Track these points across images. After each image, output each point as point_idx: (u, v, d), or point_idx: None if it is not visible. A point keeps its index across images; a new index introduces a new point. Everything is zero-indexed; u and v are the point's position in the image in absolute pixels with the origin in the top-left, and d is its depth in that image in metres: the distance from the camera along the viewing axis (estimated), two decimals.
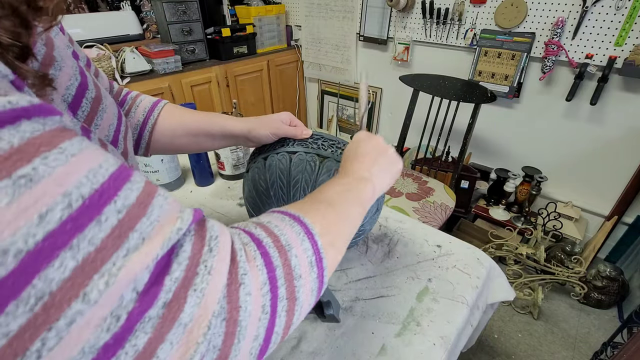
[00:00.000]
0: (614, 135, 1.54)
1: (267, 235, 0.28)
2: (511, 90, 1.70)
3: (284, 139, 0.60)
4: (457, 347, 0.63)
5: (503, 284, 0.76)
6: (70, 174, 0.19)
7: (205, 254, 0.23)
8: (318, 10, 2.29)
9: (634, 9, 1.31)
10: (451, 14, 1.76)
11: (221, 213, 0.88)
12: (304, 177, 0.57)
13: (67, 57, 0.33)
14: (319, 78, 2.58)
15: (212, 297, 0.22)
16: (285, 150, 0.59)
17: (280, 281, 0.26)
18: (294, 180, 0.57)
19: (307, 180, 0.57)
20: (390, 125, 2.39)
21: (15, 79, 0.20)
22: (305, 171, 0.57)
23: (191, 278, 0.22)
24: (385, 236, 0.81)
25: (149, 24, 2.06)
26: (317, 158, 0.57)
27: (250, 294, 0.24)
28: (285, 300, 0.27)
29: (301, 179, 0.57)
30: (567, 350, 1.39)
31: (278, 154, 0.59)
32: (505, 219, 1.77)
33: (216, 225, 0.26)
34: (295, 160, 0.57)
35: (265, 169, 0.59)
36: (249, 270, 0.25)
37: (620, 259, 1.68)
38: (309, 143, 0.59)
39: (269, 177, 0.59)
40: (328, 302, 0.58)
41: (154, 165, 0.90)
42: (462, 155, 1.43)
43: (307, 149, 0.58)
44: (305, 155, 0.58)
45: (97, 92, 0.36)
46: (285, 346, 0.56)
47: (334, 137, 0.61)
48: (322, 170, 0.57)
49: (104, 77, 0.50)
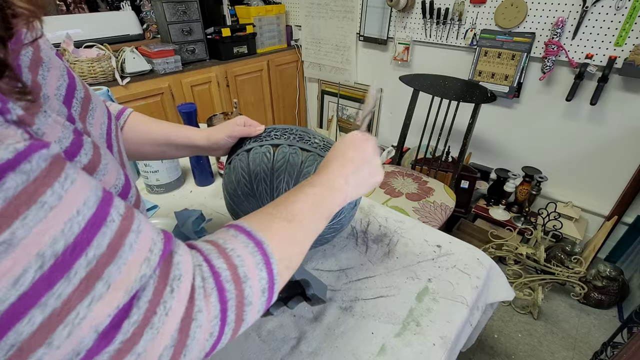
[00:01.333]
0: (614, 135, 1.54)
1: (226, 268, 0.29)
2: (511, 90, 1.70)
3: (243, 140, 0.63)
4: (457, 347, 0.63)
5: (503, 284, 0.76)
6: (46, 231, 0.20)
7: (166, 295, 0.25)
8: (318, 10, 2.29)
9: (634, 9, 1.31)
10: (451, 14, 1.76)
11: (221, 213, 0.88)
12: (262, 168, 0.58)
13: (54, 57, 0.33)
14: (319, 78, 2.58)
15: (166, 333, 0.25)
16: (243, 150, 0.61)
17: (230, 310, 0.29)
18: (254, 174, 0.59)
19: (265, 171, 0.58)
20: (390, 125, 2.39)
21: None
22: (262, 163, 0.58)
23: (149, 318, 0.24)
24: (385, 236, 0.81)
25: (149, 24, 2.06)
26: (270, 148, 0.59)
27: (200, 327, 0.27)
28: (233, 323, 0.29)
29: (260, 171, 0.59)
30: (567, 350, 1.39)
31: (238, 155, 0.61)
32: (505, 219, 1.77)
33: (182, 262, 0.27)
34: (252, 156, 0.59)
35: (231, 172, 0.62)
36: (204, 308, 0.27)
37: (620, 259, 1.68)
38: (262, 137, 0.61)
39: (234, 178, 0.61)
40: (306, 282, 0.55)
41: (154, 165, 0.90)
42: (462, 155, 1.43)
43: (260, 143, 0.60)
44: (260, 148, 0.59)
45: (86, 92, 0.36)
46: (285, 346, 0.57)
47: (287, 126, 0.62)
48: (278, 157, 0.58)
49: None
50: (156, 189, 0.95)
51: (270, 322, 0.61)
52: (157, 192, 0.96)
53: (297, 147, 0.59)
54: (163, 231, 0.28)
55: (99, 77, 1.63)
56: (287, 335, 0.58)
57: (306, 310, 0.63)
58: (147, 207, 0.89)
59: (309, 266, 0.72)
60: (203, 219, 0.67)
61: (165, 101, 1.88)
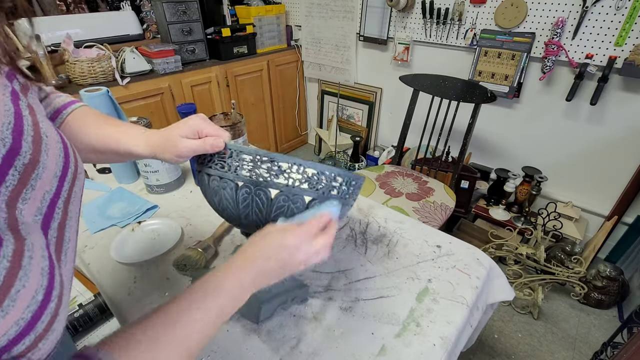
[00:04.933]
0: (614, 135, 1.54)
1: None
2: (511, 90, 1.70)
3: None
4: (457, 348, 0.63)
5: (503, 284, 0.76)
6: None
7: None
8: (318, 10, 2.29)
9: (634, 9, 1.31)
10: (451, 14, 1.76)
11: None
12: (228, 205, 0.49)
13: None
14: (319, 78, 2.58)
15: None
16: (204, 171, 0.50)
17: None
18: (221, 207, 0.50)
19: (231, 209, 0.49)
20: (390, 125, 2.39)
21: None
22: (226, 199, 0.49)
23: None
24: (384, 237, 0.81)
25: (149, 24, 2.06)
26: (232, 184, 0.47)
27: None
28: None
29: (227, 207, 0.49)
30: (567, 350, 1.39)
31: (200, 173, 0.51)
32: (505, 219, 1.77)
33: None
34: (212, 185, 0.49)
35: (205, 186, 0.52)
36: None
37: (620, 259, 1.68)
38: (225, 163, 0.47)
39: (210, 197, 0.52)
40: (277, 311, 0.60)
41: (154, 165, 0.90)
42: (462, 155, 1.43)
43: (222, 172, 0.48)
44: (220, 181, 0.48)
45: (35, 152, 0.28)
46: (284, 347, 0.57)
47: (252, 152, 0.46)
48: (240, 197, 0.48)
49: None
50: (156, 189, 0.95)
51: (270, 322, 0.61)
52: (157, 192, 0.96)
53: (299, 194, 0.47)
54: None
55: (99, 77, 1.63)
56: (287, 336, 0.58)
57: (306, 311, 0.63)
58: (147, 207, 0.89)
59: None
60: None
61: (165, 101, 1.88)
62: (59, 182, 0.31)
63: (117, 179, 1.01)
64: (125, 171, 0.99)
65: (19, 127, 0.28)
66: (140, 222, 0.83)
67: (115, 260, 0.73)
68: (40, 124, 0.31)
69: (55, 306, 0.28)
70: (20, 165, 0.27)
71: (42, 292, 0.26)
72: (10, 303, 0.23)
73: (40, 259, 0.26)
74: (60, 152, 0.32)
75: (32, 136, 0.29)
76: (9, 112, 0.28)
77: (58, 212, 0.31)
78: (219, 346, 0.56)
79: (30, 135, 0.28)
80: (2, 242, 0.23)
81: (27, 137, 0.28)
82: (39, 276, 0.26)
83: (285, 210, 0.47)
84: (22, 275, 0.24)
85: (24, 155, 0.27)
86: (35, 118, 0.30)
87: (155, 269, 0.72)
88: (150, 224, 0.83)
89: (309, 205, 0.48)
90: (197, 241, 0.74)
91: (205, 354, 0.55)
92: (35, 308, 0.25)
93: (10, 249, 0.24)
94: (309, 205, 0.48)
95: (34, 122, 0.30)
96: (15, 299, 0.23)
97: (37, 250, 0.26)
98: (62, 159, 0.32)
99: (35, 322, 0.26)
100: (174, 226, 0.82)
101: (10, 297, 0.23)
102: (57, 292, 0.28)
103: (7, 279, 0.23)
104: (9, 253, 0.23)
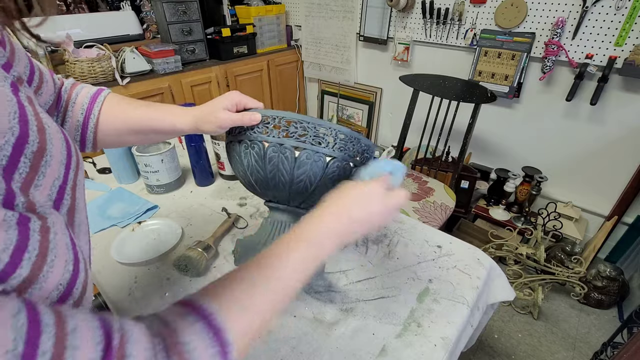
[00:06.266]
0: (614, 135, 1.54)
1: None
2: (511, 90, 1.70)
3: None
4: (458, 348, 0.63)
5: (503, 284, 0.76)
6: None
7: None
8: (318, 10, 2.29)
9: (634, 9, 1.31)
10: (451, 14, 1.76)
11: (221, 213, 0.88)
12: (257, 166, 0.55)
13: (1, 102, 0.27)
14: (319, 78, 2.58)
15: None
16: (236, 139, 0.56)
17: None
18: (268, 171, 0.55)
19: (260, 169, 0.55)
20: (390, 125, 2.39)
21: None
22: (255, 160, 0.55)
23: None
24: (385, 237, 0.81)
25: (149, 24, 2.06)
26: (260, 145, 0.54)
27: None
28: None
29: (255, 169, 0.55)
30: (567, 350, 1.39)
31: (241, 143, 0.56)
32: (505, 219, 1.77)
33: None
34: (242, 150, 0.55)
35: (237, 154, 0.57)
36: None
37: (620, 259, 1.68)
38: (257, 127, 0.54)
39: (244, 165, 0.57)
40: None
41: (154, 165, 0.90)
42: (462, 155, 1.43)
43: (253, 136, 0.54)
44: (249, 144, 0.55)
45: (41, 141, 0.29)
46: (285, 347, 0.56)
47: (290, 116, 0.53)
48: (267, 157, 0.54)
49: (46, 75, 0.44)
50: (156, 189, 0.95)
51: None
52: (157, 192, 0.96)
53: (323, 153, 0.54)
54: (105, 327, 0.25)
55: (99, 77, 1.63)
56: (287, 336, 0.58)
57: (306, 311, 0.63)
58: (147, 207, 0.89)
59: None
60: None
61: (165, 101, 1.88)
62: (65, 169, 0.32)
63: (117, 179, 1.01)
64: (125, 171, 0.99)
65: (24, 116, 0.28)
66: (141, 222, 0.83)
67: (115, 260, 0.73)
68: (41, 115, 0.31)
69: (84, 277, 0.30)
70: (30, 153, 0.27)
71: (71, 263, 0.28)
72: (49, 270, 0.25)
73: (62, 235, 0.28)
74: (62, 142, 0.33)
75: (37, 125, 0.29)
76: (12, 102, 0.28)
77: (67, 198, 0.32)
78: None
79: (34, 125, 0.29)
80: (30, 219, 0.25)
81: (32, 126, 0.29)
82: (66, 250, 0.28)
83: (307, 169, 0.53)
84: (52, 247, 0.26)
85: (32, 144, 0.28)
86: (34, 109, 0.31)
87: (156, 269, 0.72)
88: (151, 224, 0.83)
89: (328, 165, 0.54)
90: (197, 241, 0.74)
91: None
92: (69, 277, 0.27)
93: (38, 224, 0.25)
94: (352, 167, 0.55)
95: (35, 112, 0.30)
96: (52, 266, 0.25)
97: (58, 228, 0.28)
98: (65, 148, 0.33)
99: (71, 289, 0.28)
100: (174, 226, 0.82)
101: (48, 264, 0.25)
102: (83, 265, 0.30)
103: (42, 250, 0.25)
104: (36, 228, 0.25)
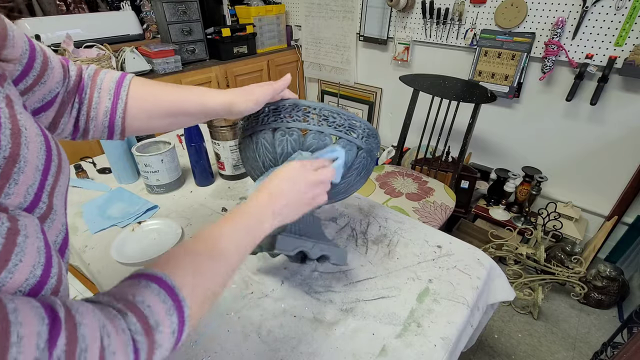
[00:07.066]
0: (614, 135, 1.54)
1: (136, 322, 0.30)
2: (511, 90, 1.70)
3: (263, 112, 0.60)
4: (458, 348, 0.63)
5: (503, 284, 0.76)
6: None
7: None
8: (318, 10, 2.29)
9: (634, 9, 1.31)
10: (451, 14, 1.76)
11: (221, 213, 0.88)
12: (267, 149, 0.59)
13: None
14: (319, 78, 2.58)
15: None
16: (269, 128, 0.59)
17: (141, 357, 0.30)
18: (259, 155, 0.60)
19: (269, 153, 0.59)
20: (390, 125, 2.39)
21: None
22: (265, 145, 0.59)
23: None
24: (385, 237, 0.81)
25: (149, 24, 2.06)
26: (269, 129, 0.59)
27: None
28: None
29: (265, 152, 0.59)
30: (567, 350, 1.39)
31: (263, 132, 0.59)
32: (505, 219, 1.77)
33: (86, 334, 0.26)
34: (253, 139, 0.60)
35: (251, 144, 0.61)
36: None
37: (620, 259, 1.68)
38: (309, 117, 0.58)
39: (258, 153, 0.60)
40: (324, 257, 0.63)
41: (154, 165, 0.90)
42: (462, 155, 1.43)
43: (309, 126, 0.58)
44: (260, 132, 0.59)
45: (14, 145, 0.28)
46: (285, 347, 0.56)
47: (320, 106, 0.58)
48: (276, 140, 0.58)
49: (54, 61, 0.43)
50: (156, 189, 0.95)
51: (270, 322, 0.61)
52: (157, 192, 0.96)
53: (355, 143, 0.59)
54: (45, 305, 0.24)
55: None
56: (287, 336, 0.58)
57: (306, 311, 0.63)
58: (147, 207, 0.89)
59: (309, 267, 0.72)
60: None
61: None
62: (42, 175, 0.31)
63: (117, 179, 1.01)
64: (125, 171, 0.99)
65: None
66: (141, 222, 0.83)
67: (115, 260, 0.73)
68: (19, 116, 0.30)
69: (56, 283, 0.29)
70: (1, 159, 0.26)
71: (40, 268, 0.27)
72: (8, 275, 0.24)
73: (35, 239, 0.27)
74: (41, 145, 0.31)
75: (10, 129, 0.28)
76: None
77: (42, 206, 0.31)
78: (220, 346, 0.56)
79: (8, 129, 0.27)
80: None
81: (5, 130, 0.27)
82: (36, 253, 0.26)
83: (314, 150, 0.57)
84: (19, 251, 0.25)
85: (3, 149, 0.26)
86: (12, 110, 0.29)
87: None
88: (151, 224, 0.83)
89: (358, 154, 0.60)
90: None
91: (206, 354, 0.55)
92: (34, 282, 0.26)
93: (5, 227, 0.24)
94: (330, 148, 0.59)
95: (12, 114, 0.29)
96: (13, 271, 0.24)
97: (31, 231, 0.27)
98: (43, 152, 0.31)
99: (35, 295, 0.26)
100: (174, 226, 0.82)
101: (8, 270, 0.24)
102: (56, 271, 0.29)
103: (3, 254, 0.24)
104: (3, 231, 0.24)
